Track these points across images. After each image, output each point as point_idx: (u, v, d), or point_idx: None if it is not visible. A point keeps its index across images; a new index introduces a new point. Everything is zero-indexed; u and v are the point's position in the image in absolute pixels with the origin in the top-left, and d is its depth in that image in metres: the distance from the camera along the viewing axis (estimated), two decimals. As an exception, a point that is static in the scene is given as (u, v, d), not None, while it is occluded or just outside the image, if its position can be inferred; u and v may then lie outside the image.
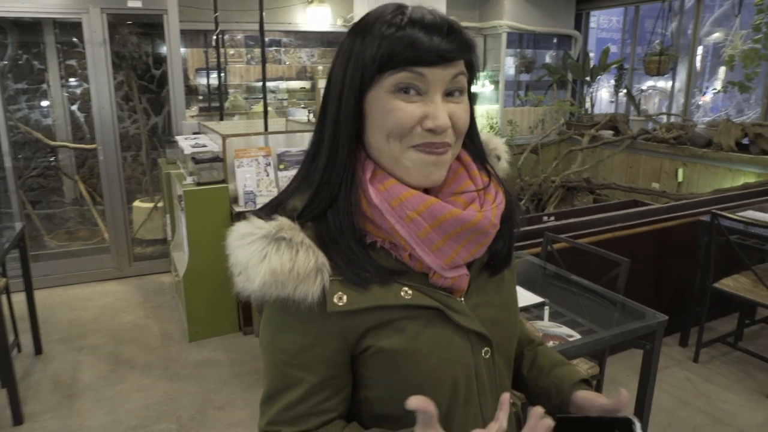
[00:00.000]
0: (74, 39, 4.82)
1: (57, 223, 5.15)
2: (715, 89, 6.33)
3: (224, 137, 3.55)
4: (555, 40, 7.13)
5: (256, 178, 3.59)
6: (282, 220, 0.74)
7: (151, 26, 4.90)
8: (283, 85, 6.48)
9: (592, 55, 6.94)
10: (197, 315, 3.63)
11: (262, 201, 3.58)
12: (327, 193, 0.76)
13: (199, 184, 3.50)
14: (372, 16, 0.76)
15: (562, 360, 1.00)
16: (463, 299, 0.82)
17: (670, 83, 6.44)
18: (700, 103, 7.26)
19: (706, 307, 3.26)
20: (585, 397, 0.88)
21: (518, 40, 6.82)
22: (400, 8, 0.75)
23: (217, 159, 3.54)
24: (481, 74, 6.62)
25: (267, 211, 0.78)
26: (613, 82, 6.60)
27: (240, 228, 0.75)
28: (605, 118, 6.25)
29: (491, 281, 0.86)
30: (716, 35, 6.78)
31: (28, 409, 2.94)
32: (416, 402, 0.67)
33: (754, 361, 3.31)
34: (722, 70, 7.06)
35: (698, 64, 6.04)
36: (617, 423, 0.77)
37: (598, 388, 2.44)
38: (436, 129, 0.73)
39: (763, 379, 3.15)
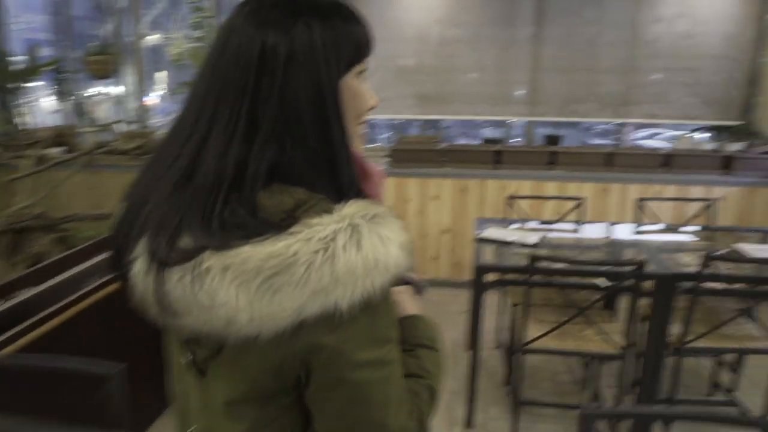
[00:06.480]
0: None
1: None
2: (164, 91, 6.04)
3: None
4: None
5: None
6: (344, 208, 0.68)
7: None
8: None
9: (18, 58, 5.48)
10: None
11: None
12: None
13: None
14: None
15: None
16: None
17: (123, 88, 5.74)
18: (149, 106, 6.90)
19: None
20: None
21: None
22: None
23: None
24: None
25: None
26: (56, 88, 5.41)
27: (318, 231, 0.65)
28: (50, 133, 5.07)
29: None
30: (156, 37, 6.44)
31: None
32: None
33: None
34: (164, 72, 6.86)
35: (145, 65, 5.54)
36: None
37: None
38: (376, 106, 0.82)
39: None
